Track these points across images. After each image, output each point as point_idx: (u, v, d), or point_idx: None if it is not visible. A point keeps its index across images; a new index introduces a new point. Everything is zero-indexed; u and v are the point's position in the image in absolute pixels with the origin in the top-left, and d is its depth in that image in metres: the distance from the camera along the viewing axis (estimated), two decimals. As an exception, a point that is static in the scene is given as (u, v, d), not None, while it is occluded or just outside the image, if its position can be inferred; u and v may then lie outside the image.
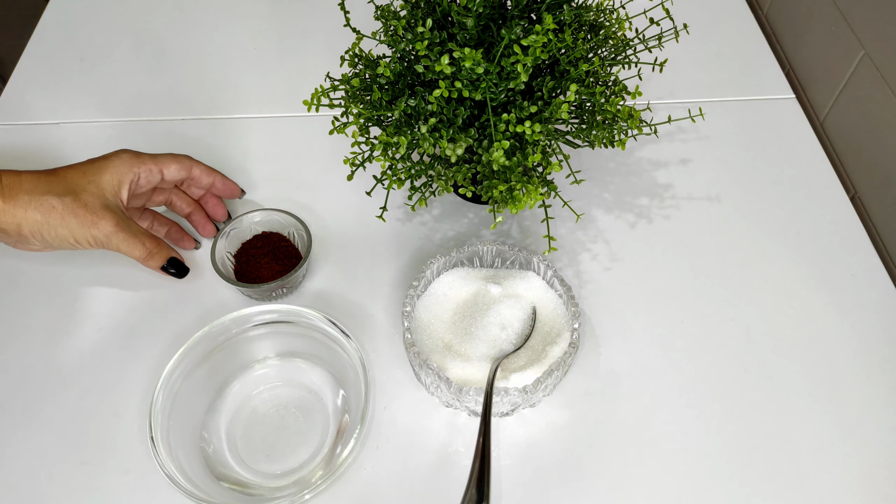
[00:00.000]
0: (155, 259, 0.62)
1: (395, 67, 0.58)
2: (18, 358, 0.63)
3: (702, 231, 0.71)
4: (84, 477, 0.56)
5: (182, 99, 0.84)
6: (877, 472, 0.56)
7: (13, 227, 0.58)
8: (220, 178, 0.67)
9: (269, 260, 0.66)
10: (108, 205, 0.59)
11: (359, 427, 0.53)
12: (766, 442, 0.58)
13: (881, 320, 0.65)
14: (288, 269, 0.65)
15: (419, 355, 0.56)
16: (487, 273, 0.64)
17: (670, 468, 0.57)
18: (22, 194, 0.58)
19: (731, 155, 0.78)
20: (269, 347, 0.62)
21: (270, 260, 0.66)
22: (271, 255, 0.66)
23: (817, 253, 0.69)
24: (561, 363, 0.55)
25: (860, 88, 0.76)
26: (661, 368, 0.62)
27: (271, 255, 0.66)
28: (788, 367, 0.62)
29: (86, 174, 0.60)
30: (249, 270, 0.65)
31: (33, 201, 0.58)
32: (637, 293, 0.67)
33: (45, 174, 0.60)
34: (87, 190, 0.59)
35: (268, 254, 0.66)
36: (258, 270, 0.65)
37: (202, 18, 0.94)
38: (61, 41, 0.92)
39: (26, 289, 0.67)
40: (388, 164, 0.59)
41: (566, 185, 0.71)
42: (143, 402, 0.59)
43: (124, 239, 0.60)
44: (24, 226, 0.58)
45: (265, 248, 0.67)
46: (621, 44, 0.61)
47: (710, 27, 0.91)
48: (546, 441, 0.58)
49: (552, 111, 0.55)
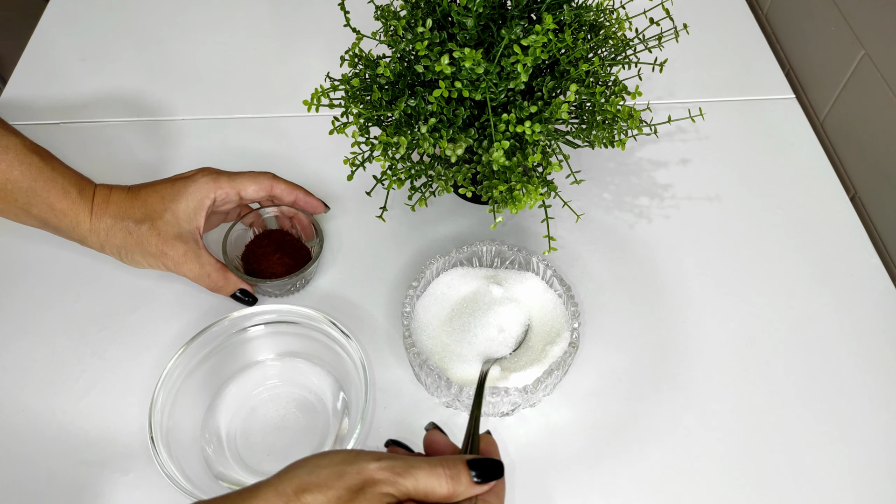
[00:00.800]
0: (222, 291, 0.63)
1: (395, 67, 0.58)
2: (18, 358, 0.63)
3: (702, 231, 0.71)
4: (84, 477, 0.56)
5: (182, 99, 0.84)
6: (876, 472, 0.56)
7: (97, 247, 0.61)
8: (303, 194, 0.65)
9: (281, 256, 0.65)
10: (180, 234, 0.60)
11: (359, 427, 0.53)
12: (765, 441, 0.58)
13: (881, 320, 0.65)
14: (299, 262, 0.65)
15: (419, 355, 0.56)
16: (487, 273, 0.64)
17: (670, 467, 0.57)
18: (107, 217, 0.59)
19: (731, 155, 0.78)
20: (269, 347, 0.62)
21: (281, 255, 0.65)
22: (280, 251, 0.66)
23: (817, 253, 0.69)
24: (561, 363, 0.55)
25: (860, 88, 0.76)
26: (661, 368, 0.62)
27: (280, 251, 0.66)
28: (788, 367, 0.62)
29: (164, 199, 0.60)
30: (262, 269, 0.65)
31: (116, 225, 0.59)
32: (637, 293, 0.67)
33: (129, 195, 0.61)
34: (162, 217, 0.60)
35: (276, 250, 0.66)
36: (272, 267, 0.65)
37: (202, 18, 0.94)
38: (61, 41, 0.92)
39: (26, 289, 0.67)
40: (388, 164, 0.59)
41: (566, 185, 0.71)
42: (143, 402, 0.59)
43: (191, 270, 0.61)
44: (106, 247, 0.60)
45: (272, 246, 0.66)
46: (621, 44, 0.61)
47: (710, 27, 0.91)
48: (546, 441, 0.58)
49: (552, 111, 0.55)
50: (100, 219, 0.59)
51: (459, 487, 0.39)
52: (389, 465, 0.38)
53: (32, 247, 0.70)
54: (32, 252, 0.70)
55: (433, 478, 0.38)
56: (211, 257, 0.62)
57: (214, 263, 0.62)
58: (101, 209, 0.60)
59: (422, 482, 0.38)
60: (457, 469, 0.39)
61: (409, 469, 0.38)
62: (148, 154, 0.79)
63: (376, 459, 0.38)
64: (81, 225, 0.60)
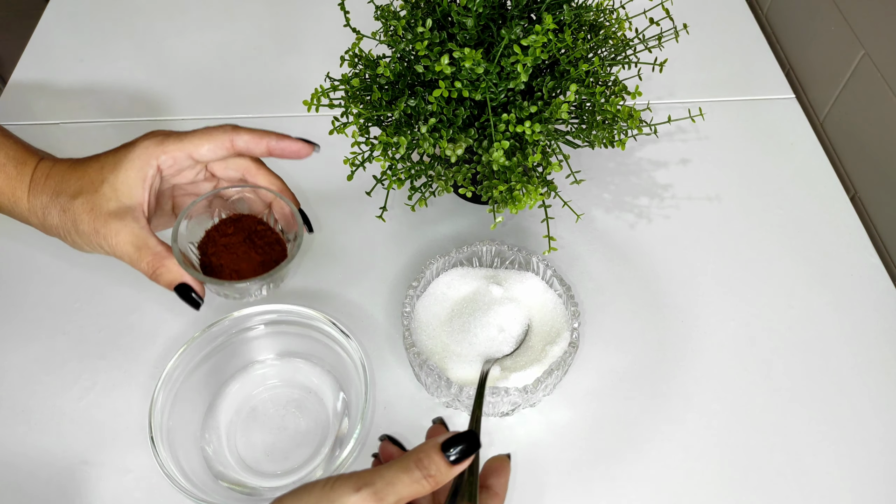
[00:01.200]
0: (159, 280, 0.51)
1: (395, 67, 0.58)
2: (18, 358, 0.63)
3: (702, 231, 0.71)
4: (84, 477, 0.56)
5: (182, 99, 0.84)
6: (876, 472, 0.56)
7: (40, 228, 0.54)
8: (276, 139, 0.53)
9: (248, 249, 0.53)
10: (118, 210, 0.50)
11: (359, 427, 0.53)
12: (765, 441, 0.58)
13: (881, 320, 0.65)
14: (270, 260, 0.52)
15: (419, 355, 0.56)
16: (487, 273, 0.64)
17: (670, 467, 0.57)
18: (44, 194, 0.52)
19: (731, 155, 0.78)
20: (269, 347, 0.62)
21: (249, 249, 0.53)
22: (249, 243, 0.53)
23: (817, 253, 0.69)
24: (561, 363, 0.55)
25: (860, 88, 0.76)
26: (661, 368, 0.62)
27: (248, 242, 0.53)
28: (788, 367, 0.62)
29: (103, 169, 0.52)
30: (222, 265, 0.52)
31: (52, 203, 0.52)
32: (637, 293, 0.67)
33: (70, 167, 0.53)
34: (98, 191, 0.51)
35: (244, 241, 0.53)
36: (235, 263, 0.52)
37: (202, 18, 0.94)
38: (61, 41, 0.92)
39: (26, 289, 0.67)
40: (388, 164, 0.59)
41: (566, 185, 0.71)
42: (143, 402, 0.59)
43: (126, 252, 0.51)
44: (47, 228, 0.53)
45: (239, 235, 0.53)
46: (621, 44, 0.61)
47: (710, 27, 0.91)
48: (546, 441, 0.58)
49: (552, 111, 0.55)
50: (37, 196, 0.52)
51: (439, 477, 0.38)
52: (370, 492, 0.37)
53: (32, 247, 0.70)
54: (32, 253, 0.70)
55: (414, 485, 0.38)
56: (152, 238, 0.51)
57: (155, 246, 0.50)
58: (39, 185, 0.52)
59: (404, 494, 0.37)
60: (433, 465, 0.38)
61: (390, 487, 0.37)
62: (148, 154, 0.79)
63: (355, 490, 0.37)
64: (20, 203, 0.53)
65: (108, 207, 0.50)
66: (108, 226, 0.50)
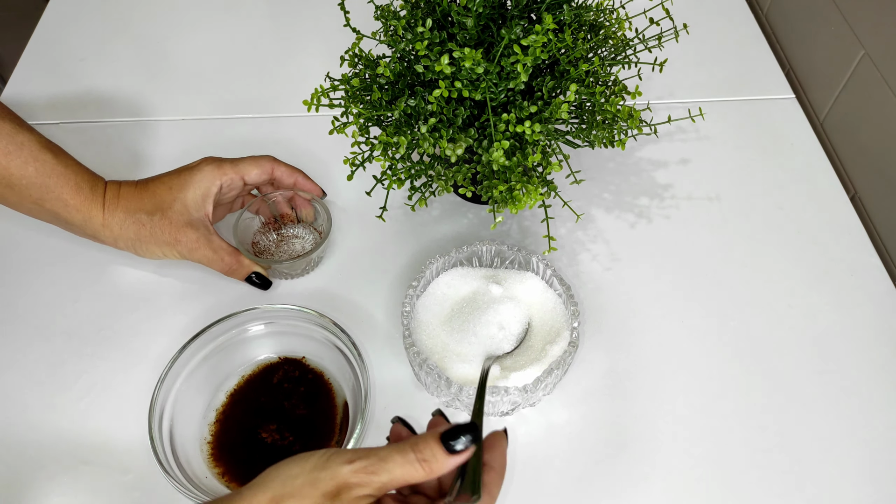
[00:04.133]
0: (236, 274, 0.65)
1: (395, 67, 0.58)
2: (19, 358, 0.63)
3: (702, 231, 0.71)
4: (84, 477, 0.56)
5: (182, 99, 0.84)
6: (878, 471, 0.56)
7: (111, 242, 0.63)
8: (303, 177, 0.68)
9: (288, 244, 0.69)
10: (191, 221, 0.62)
11: (359, 427, 0.53)
12: (766, 441, 0.58)
13: (881, 320, 0.65)
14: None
15: (419, 355, 0.56)
16: (487, 273, 0.64)
17: (671, 467, 0.57)
18: (119, 211, 0.62)
19: (731, 155, 0.78)
20: (269, 347, 0.62)
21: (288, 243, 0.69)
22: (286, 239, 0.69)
23: (817, 253, 0.69)
24: (561, 362, 0.55)
25: (860, 88, 0.76)
26: (661, 368, 0.62)
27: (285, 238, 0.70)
28: (788, 367, 0.62)
29: (171, 190, 0.62)
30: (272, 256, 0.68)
31: (128, 218, 0.62)
32: (637, 293, 0.67)
33: (139, 188, 0.63)
34: (172, 207, 0.62)
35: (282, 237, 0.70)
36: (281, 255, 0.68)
37: (202, 18, 0.94)
38: (61, 41, 0.92)
39: (27, 289, 0.67)
40: (388, 164, 0.59)
41: (566, 185, 0.71)
42: (143, 402, 0.59)
43: (205, 255, 0.63)
44: (120, 241, 0.62)
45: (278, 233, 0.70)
46: (621, 44, 0.61)
47: (710, 27, 0.91)
48: (546, 440, 0.58)
49: (552, 111, 0.55)
50: (112, 213, 0.61)
51: (435, 465, 0.39)
52: (362, 465, 0.38)
53: (32, 248, 0.70)
54: (32, 253, 0.70)
55: (407, 466, 0.38)
56: (223, 242, 0.64)
57: (227, 248, 0.64)
58: (113, 204, 0.62)
59: (397, 473, 0.38)
60: (428, 449, 0.39)
61: (382, 464, 0.38)
62: (148, 154, 0.79)
63: (348, 462, 0.38)
64: (94, 220, 0.61)
65: (182, 220, 0.62)
66: (186, 234, 0.62)
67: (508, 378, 0.56)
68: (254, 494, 0.37)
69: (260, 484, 0.38)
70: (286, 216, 0.70)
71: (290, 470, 0.38)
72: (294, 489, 0.37)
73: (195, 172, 0.63)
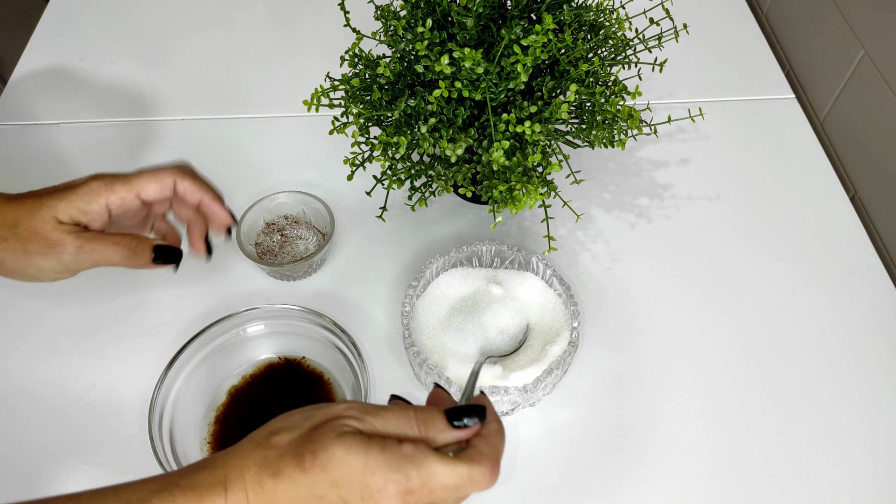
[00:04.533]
0: (140, 255, 0.52)
1: (395, 67, 0.58)
2: (19, 358, 0.63)
3: (702, 231, 0.71)
4: (84, 477, 0.56)
5: (182, 99, 0.84)
6: (877, 471, 0.56)
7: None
8: (210, 198, 0.55)
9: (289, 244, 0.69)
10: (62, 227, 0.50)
11: None
12: (765, 441, 0.58)
13: (881, 320, 0.65)
14: None
15: (419, 355, 0.56)
16: (487, 273, 0.64)
17: (670, 467, 0.57)
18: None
19: (731, 155, 0.78)
20: (269, 347, 0.62)
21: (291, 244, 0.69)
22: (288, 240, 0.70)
23: (817, 253, 0.69)
24: (560, 362, 0.55)
25: (860, 88, 0.76)
26: (661, 368, 0.62)
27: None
28: (788, 367, 0.62)
29: (41, 199, 0.51)
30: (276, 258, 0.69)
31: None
32: (637, 293, 0.67)
33: (3, 202, 0.51)
34: (36, 215, 0.50)
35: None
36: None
37: (202, 18, 0.94)
38: (61, 41, 0.92)
39: (26, 289, 0.67)
40: (388, 164, 0.59)
41: (566, 185, 0.71)
42: (144, 402, 0.59)
43: (94, 249, 0.50)
44: None
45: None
46: (621, 44, 0.61)
47: (710, 27, 0.91)
48: (546, 440, 0.58)
49: (552, 111, 0.55)
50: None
51: (432, 431, 0.38)
52: (358, 405, 0.39)
53: (32, 247, 0.70)
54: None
55: (403, 419, 0.38)
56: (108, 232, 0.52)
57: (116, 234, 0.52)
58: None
59: (391, 422, 0.38)
60: (429, 414, 0.39)
61: (378, 409, 0.39)
62: (148, 154, 0.79)
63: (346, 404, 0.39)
64: None
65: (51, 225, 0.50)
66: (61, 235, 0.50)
67: (508, 378, 0.56)
68: (257, 432, 0.39)
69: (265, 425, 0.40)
70: (289, 217, 0.70)
71: (292, 413, 0.40)
72: (289, 423, 0.39)
73: (79, 187, 0.51)
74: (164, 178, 0.53)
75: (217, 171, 0.77)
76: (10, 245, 0.49)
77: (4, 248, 0.49)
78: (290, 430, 0.38)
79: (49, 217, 0.50)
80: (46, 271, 0.51)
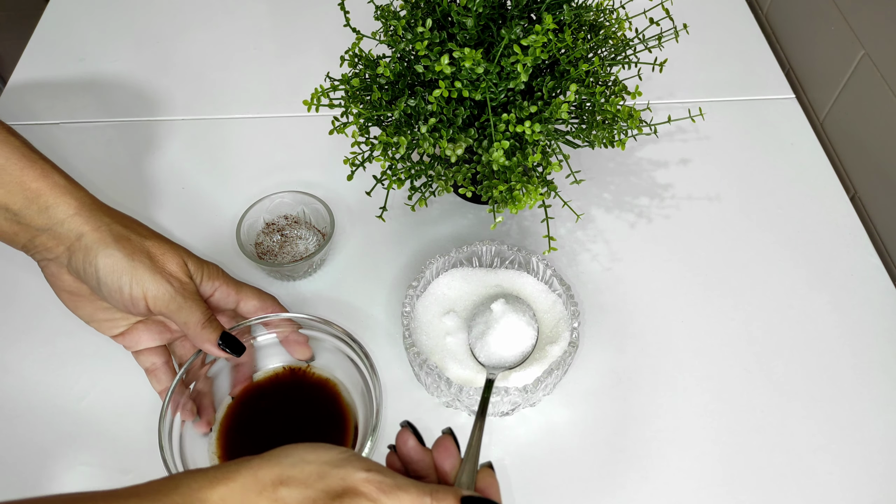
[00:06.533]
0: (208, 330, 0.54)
1: (395, 67, 0.58)
2: (19, 359, 0.63)
3: (702, 231, 0.71)
4: (84, 477, 0.56)
5: (182, 99, 0.84)
6: (877, 472, 0.56)
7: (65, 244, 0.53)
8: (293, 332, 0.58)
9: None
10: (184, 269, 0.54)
11: (369, 442, 0.51)
12: (766, 441, 0.58)
13: (881, 320, 0.65)
14: None
15: (419, 355, 0.56)
16: (487, 273, 0.64)
17: (670, 467, 0.57)
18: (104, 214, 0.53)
19: (731, 155, 0.78)
20: (277, 357, 0.60)
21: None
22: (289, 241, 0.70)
23: (817, 253, 0.69)
24: (561, 362, 0.55)
25: (860, 88, 0.76)
26: (661, 368, 0.62)
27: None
28: (788, 367, 0.62)
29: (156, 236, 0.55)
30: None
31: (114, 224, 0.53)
32: (637, 293, 0.67)
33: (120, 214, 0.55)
34: (173, 247, 0.54)
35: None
36: None
37: (202, 18, 0.94)
38: (61, 41, 0.92)
39: (28, 290, 0.67)
40: (388, 164, 0.59)
41: (566, 185, 0.71)
42: (144, 403, 0.59)
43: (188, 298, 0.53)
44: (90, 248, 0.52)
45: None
46: (621, 44, 0.61)
47: (710, 27, 0.91)
48: (546, 440, 0.58)
49: (552, 111, 0.55)
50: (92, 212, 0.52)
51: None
52: (377, 479, 0.36)
53: (32, 247, 0.70)
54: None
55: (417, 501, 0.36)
56: None
57: None
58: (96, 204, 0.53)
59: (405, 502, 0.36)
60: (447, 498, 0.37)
61: (395, 490, 0.36)
62: (148, 154, 0.79)
63: (365, 469, 0.36)
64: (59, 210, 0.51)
65: (182, 263, 0.54)
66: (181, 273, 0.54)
67: (508, 378, 0.56)
68: (261, 466, 0.36)
69: (271, 458, 0.37)
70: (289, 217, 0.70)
71: (306, 455, 0.37)
72: (302, 475, 0.36)
73: (203, 262, 0.55)
74: (266, 301, 0.58)
75: (217, 171, 0.77)
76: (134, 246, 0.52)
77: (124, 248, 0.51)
78: (300, 487, 0.36)
79: (181, 251, 0.54)
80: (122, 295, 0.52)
